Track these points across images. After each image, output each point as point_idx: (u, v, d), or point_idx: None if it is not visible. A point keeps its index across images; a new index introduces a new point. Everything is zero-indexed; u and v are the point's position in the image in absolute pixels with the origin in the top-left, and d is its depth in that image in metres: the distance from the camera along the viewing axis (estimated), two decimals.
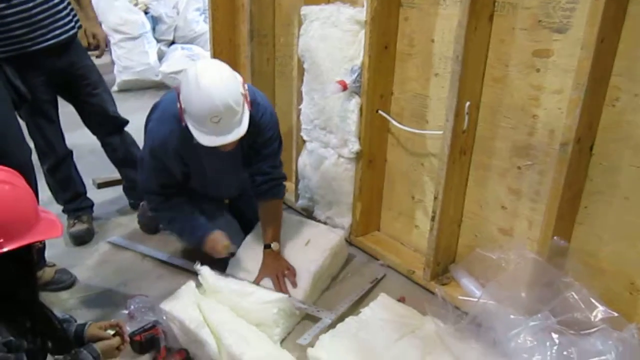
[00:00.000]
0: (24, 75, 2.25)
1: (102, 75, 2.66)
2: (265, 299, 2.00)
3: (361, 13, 2.22)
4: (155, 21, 5.39)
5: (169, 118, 2.09)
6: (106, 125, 2.70)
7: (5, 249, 1.25)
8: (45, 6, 2.28)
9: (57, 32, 2.35)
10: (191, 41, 5.47)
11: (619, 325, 1.67)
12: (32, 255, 1.38)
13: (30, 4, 2.22)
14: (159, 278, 2.38)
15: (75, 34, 2.46)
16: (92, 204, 2.78)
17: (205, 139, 1.95)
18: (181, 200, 2.31)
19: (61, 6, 2.35)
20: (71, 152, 2.66)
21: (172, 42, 5.54)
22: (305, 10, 2.44)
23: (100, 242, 2.64)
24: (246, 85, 2.03)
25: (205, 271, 2.13)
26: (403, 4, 2.19)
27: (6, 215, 1.27)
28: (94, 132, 2.74)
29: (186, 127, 1.97)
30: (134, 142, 2.83)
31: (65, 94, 2.56)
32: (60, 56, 2.41)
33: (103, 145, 2.78)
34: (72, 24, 2.43)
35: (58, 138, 2.59)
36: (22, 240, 1.29)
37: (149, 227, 2.70)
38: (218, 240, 2.23)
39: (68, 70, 2.46)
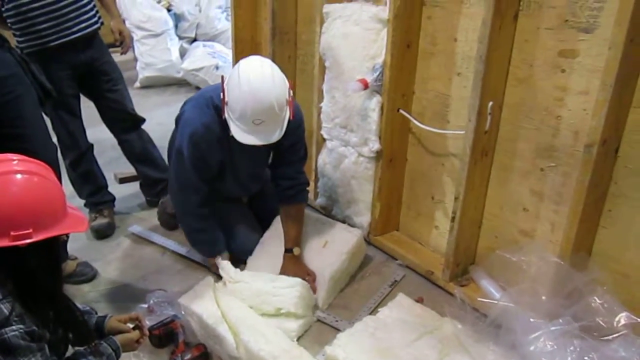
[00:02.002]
0: (49, 70, 2.29)
1: (121, 72, 2.69)
2: (287, 284, 2.04)
3: (384, 11, 2.21)
4: (177, 18, 5.44)
5: (209, 106, 2.07)
6: (124, 122, 2.73)
7: (33, 240, 1.27)
8: None
9: (83, 25, 2.39)
10: (213, 38, 5.50)
11: None
12: (59, 247, 1.40)
13: None
14: (178, 273, 2.40)
15: (99, 28, 2.50)
16: (114, 198, 2.82)
17: (242, 136, 1.94)
18: (211, 214, 2.27)
19: (86, 0, 2.39)
20: (92, 145, 2.70)
21: (194, 40, 5.57)
22: (327, 8, 2.44)
23: (121, 236, 2.67)
24: (291, 91, 2.01)
25: (225, 264, 2.16)
26: (426, 2, 2.17)
27: (36, 206, 1.30)
28: (111, 129, 2.77)
29: (224, 119, 1.97)
30: (150, 140, 2.86)
31: (86, 89, 2.60)
32: (83, 50, 2.44)
33: (120, 142, 2.81)
34: (96, 18, 2.47)
35: (80, 132, 2.63)
36: (50, 232, 1.31)
37: (169, 223, 2.72)
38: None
39: (90, 65, 2.49)
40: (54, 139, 2.35)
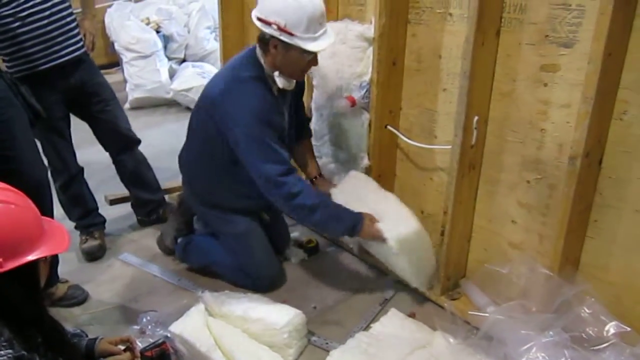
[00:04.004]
0: (39, 94, 2.28)
1: (114, 92, 2.69)
2: (273, 326, 1.94)
3: (369, 30, 2.24)
4: (166, 40, 5.46)
5: (246, 81, 2.09)
6: (118, 142, 2.73)
7: (4, 269, 1.24)
8: (60, 23, 2.33)
9: (71, 48, 2.39)
10: (202, 59, 5.53)
11: (632, 340, 1.66)
12: (36, 271, 1.37)
13: (45, 21, 2.27)
14: (170, 294, 2.38)
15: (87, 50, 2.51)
16: (104, 220, 2.80)
17: (318, 44, 2.02)
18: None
19: (73, 24, 2.40)
20: (82, 169, 2.69)
21: (183, 60, 5.59)
22: None
23: (112, 258, 2.66)
24: None
25: (207, 298, 2.11)
26: (411, 20, 2.21)
27: (5, 236, 1.26)
28: (106, 149, 2.77)
29: (288, 50, 2.01)
30: (145, 161, 2.85)
31: (78, 111, 2.59)
32: (73, 74, 2.44)
33: (114, 162, 2.80)
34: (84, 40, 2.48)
35: (70, 155, 2.61)
36: (22, 259, 1.27)
37: (167, 251, 2.65)
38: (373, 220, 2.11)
39: (81, 87, 2.49)
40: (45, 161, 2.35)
